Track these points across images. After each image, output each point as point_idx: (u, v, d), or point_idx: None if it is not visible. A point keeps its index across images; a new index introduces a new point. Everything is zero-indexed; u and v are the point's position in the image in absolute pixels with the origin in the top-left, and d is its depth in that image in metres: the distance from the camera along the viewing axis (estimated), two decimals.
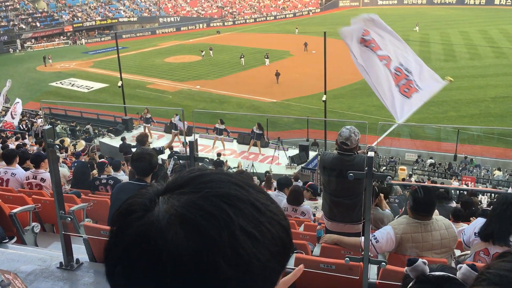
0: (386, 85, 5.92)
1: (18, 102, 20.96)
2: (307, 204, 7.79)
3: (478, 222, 4.03)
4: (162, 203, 0.75)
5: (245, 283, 0.71)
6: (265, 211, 0.76)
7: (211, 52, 51.29)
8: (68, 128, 27.51)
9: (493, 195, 15.05)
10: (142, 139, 9.75)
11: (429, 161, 25.21)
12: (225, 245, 0.70)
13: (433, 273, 1.56)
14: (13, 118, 20.84)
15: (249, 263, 0.71)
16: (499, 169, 23.67)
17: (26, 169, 8.01)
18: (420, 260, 1.58)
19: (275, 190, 9.19)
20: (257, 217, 0.74)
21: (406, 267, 1.60)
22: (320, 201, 9.10)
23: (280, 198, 7.79)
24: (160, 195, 0.77)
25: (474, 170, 24.06)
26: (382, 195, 5.82)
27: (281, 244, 0.76)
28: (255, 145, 22.41)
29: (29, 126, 22.62)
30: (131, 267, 0.73)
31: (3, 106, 21.73)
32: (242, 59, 47.00)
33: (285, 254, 0.78)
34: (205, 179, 0.78)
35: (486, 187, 21.00)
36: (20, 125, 21.61)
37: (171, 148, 14.07)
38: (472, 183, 21.21)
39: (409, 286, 1.62)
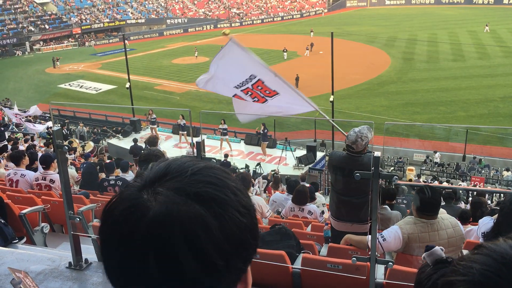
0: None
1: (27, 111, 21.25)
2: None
3: (484, 222, 4.01)
4: (163, 195, 0.80)
5: (254, 227, 0.86)
6: (230, 174, 0.91)
7: None
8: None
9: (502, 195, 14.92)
10: (153, 141, 9.81)
11: (437, 154, 25.00)
12: (232, 199, 0.83)
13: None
14: (18, 119, 21.11)
15: (251, 209, 0.87)
16: (507, 170, 23.47)
17: (35, 170, 8.09)
18: (437, 246, 1.64)
19: (283, 192, 9.19)
20: (233, 178, 0.89)
21: (423, 254, 1.64)
22: (318, 201, 9.13)
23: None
24: (144, 190, 0.82)
25: (483, 171, 23.89)
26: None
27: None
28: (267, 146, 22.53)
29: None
30: (166, 259, 0.76)
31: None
32: None
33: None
34: (176, 164, 0.87)
35: (495, 187, 20.82)
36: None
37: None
38: (481, 183, 21.05)
39: (426, 271, 1.63)
